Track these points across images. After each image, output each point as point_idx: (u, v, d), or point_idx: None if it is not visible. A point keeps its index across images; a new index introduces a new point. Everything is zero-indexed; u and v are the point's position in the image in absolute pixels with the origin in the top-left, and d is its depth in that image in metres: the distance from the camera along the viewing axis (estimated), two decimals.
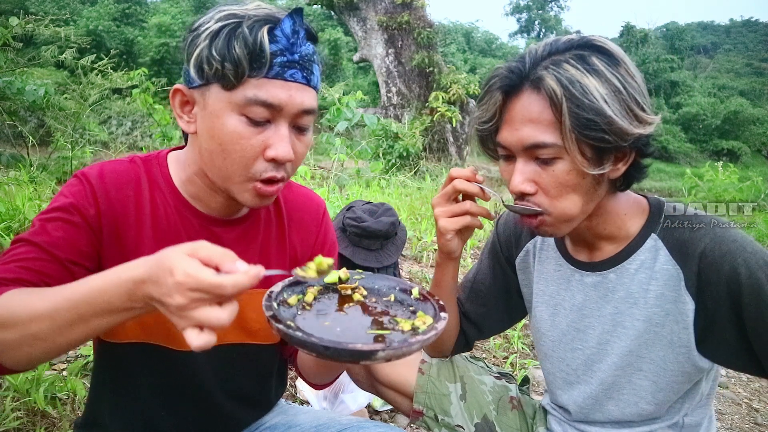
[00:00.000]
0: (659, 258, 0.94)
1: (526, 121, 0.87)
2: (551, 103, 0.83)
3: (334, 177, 5.39)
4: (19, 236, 0.81)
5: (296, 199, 1.06)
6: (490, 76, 0.93)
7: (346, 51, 25.04)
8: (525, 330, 2.91)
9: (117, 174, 0.89)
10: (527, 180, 0.90)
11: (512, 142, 0.90)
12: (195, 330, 0.59)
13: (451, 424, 1.20)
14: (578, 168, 0.86)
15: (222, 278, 0.58)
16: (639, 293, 0.97)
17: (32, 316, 0.65)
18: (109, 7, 25.66)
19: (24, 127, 5.76)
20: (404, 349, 0.68)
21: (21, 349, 0.67)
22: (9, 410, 1.54)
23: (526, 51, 0.90)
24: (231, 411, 1.04)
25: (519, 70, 0.88)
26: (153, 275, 0.60)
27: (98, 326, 0.65)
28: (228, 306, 0.60)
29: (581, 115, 0.81)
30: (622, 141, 0.83)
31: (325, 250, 1.09)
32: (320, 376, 1.05)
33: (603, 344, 1.02)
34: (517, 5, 50.48)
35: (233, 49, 0.76)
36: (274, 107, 0.79)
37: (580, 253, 1.06)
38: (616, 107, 0.82)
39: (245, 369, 1.03)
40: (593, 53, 0.84)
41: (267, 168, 0.82)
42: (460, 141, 12.54)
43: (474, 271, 1.27)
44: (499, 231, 1.24)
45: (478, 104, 0.96)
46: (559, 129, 0.84)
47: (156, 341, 0.92)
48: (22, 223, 2.78)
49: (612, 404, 1.04)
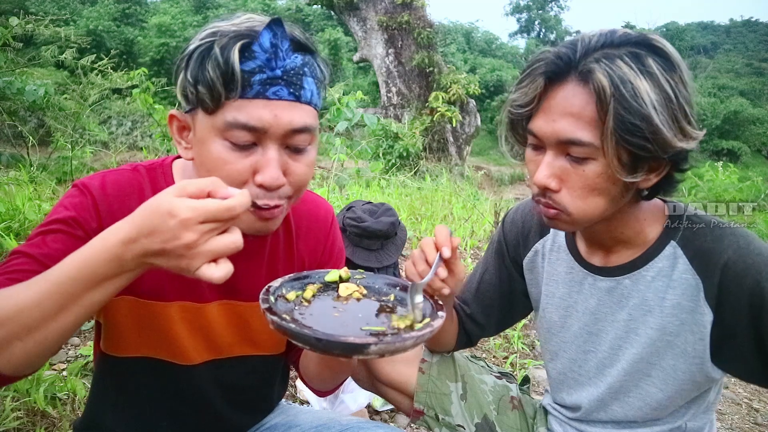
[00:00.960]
0: (678, 266, 0.91)
1: (565, 113, 0.82)
2: (597, 99, 0.78)
3: (334, 177, 5.39)
4: (17, 248, 0.78)
5: (304, 208, 1.02)
6: (535, 59, 0.86)
7: (346, 51, 25.03)
8: (525, 330, 2.91)
9: (119, 185, 0.86)
10: (553, 176, 0.86)
11: (546, 133, 0.84)
12: (211, 264, 0.59)
13: (452, 424, 1.19)
14: (610, 172, 0.81)
15: (228, 201, 0.58)
16: (654, 301, 0.94)
17: (19, 307, 0.61)
18: (109, 7, 25.67)
19: (24, 127, 5.76)
20: (397, 344, 0.67)
21: (14, 346, 0.62)
22: (9, 410, 1.54)
23: (579, 38, 0.83)
24: (233, 418, 1.03)
25: (568, 57, 0.81)
26: (145, 227, 0.58)
27: (90, 303, 0.62)
28: (233, 230, 0.60)
29: (627, 118, 0.76)
30: (663, 152, 0.79)
31: (333, 259, 1.06)
32: (323, 382, 1.04)
33: (615, 349, 1.00)
34: (517, 5, 50.45)
35: (206, 71, 0.72)
36: (257, 129, 0.73)
37: (593, 256, 1.03)
38: (664, 116, 0.77)
39: (250, 380, 1.02)
40: (650, 54, 0.78)
41: (259, 194, 0.76)
42: (460, 141, 12.54)
43: (480, 272, 1.24)
44: (505, 230, 1.20)
45: (517, 86, 0.89)
46: (599, 129, 0.79)
47: (159, 356, 0.91)
48: (22, 223, 2.77)
49: (617, 405, 1.03)
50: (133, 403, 0.96)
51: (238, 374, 0.98)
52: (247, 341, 0.97)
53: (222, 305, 0.93)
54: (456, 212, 5.58)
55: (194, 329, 0.91)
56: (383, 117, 11.65)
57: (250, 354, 0.98)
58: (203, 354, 0.93)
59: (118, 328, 0.89)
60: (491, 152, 26.24)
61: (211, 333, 0.93)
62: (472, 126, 12.73)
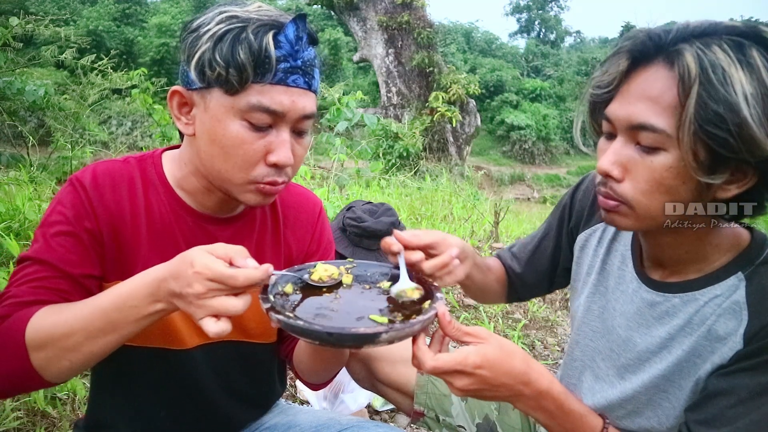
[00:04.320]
0: (733, 296, 0.83)
1: (644, 96, 0.74)
2: (680, 82, 0.70)
3: (334, 177, 5.39)
4: (24, 254, 0.82)
5: (292, 199, 1.06)
6: (626, 37, 0.79)
7: (346, 51, 25.07)
8: (525, 330, 2.91)
9: (110, 174, 0.89)
10: (618, 163, 0.79)
11: (619, 116, 0.78)
12: (212, 319, 0.66)
13: (453, 425, 1.19)
14: (682, 168, 0.73)
15: (235, 270, 0.65)
16: (699, 326, 0.87)
17: (67, 332, 0.71)
18: (109, 7, 25.70)
19: (24, 127, 5.75)
20: (407, 330, 0.70)
21: (61, 363, 0.72)
22: (9, 410, 1.54)
23: (679, 23, 0.76)
24: (230, 410, 1.04)
25: (659, 38, 0.74)
26: (174, 271, 0.67)
27: (129, 331, 0.72)
28: (242, 296, 0.67)
29: (710, 106, 0.68)
30: (749, 154, 0.69)
31: (320, 250, 1.08)
32: (317, 375, 1.05)
33: (643, 361, 0.95)
34: (517, 5, 50.42)
35: (238, 54, 0.75)
36: (277, 113, 0.79)
37: (653, 269, 0.96)
38: (756, 111, 0.68)
39: (243, 368, 1.03)
40: (756, 45, 0.70)
41: (269, 172, 0.83)
42: (460, 141, 12.55)
43: (539, 236, 1.20)
44: (575, 197, 1.13)
45: (601, 65, 0.83)
46: (677, 116, 0.71)
47: (154, 344, 0.92)
48: (22, 223, 2.77)
49: (624, 412, 1.00)
50: (131, 393, 0.97)
51: (230, 360, 1.00)
52: (237, 327, 0.97)
53: None
54: (456, 212, 5.58)
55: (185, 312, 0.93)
56: (383, 117, 11.65)
57: (242, 340, 0.99)
58: (195, 338, 0.95)
59: None
60: (491, 152, 26.28)
61: None
62: (472, 126, 12.75)
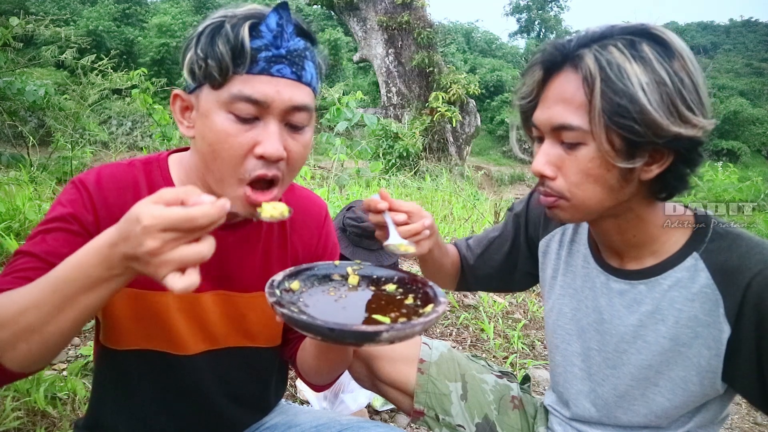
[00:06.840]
0: (698, 279, 0.90)
1: (559, 100, 0.84)
2: (585, 82, 0.80)
3: (334, 177, 5.39)
4: (19, 248, 0.81)
5: (298, 202, 1.04)
6: (536, 51, 0.90)
7: (346, 51, 25.06)
8: (525, 330, 2.91)
9: (115, 178, 0.88)
10: (549, 163, 0.87)
11: (542, 121, 0.87)
12: (176, 274, 0.57)
13: (452, 424, 1.19)
14: (603, 157, 0.82)
15: (190, 210, 0.56)
16: (669, 311, 0.93)
17: (20, 309, 0.64)
18: (109, 7, 25.70)
19: (24, 127, 5.76)
20: (407, 330, 0.69)
21: (18, 346, 0.66)
22: (9, 410, 1.54)
23: (582, 31, 0.86)
24: (232, 414, 1.04)
25: (563, 47, 0.84)
26: (123, 231, 0.58)
27: (86, 305, 0.64)
28: (206, 240, 0.59)
29: (613, 99, 0.77)
30: (656, 137, 0.78)
31: (326, 253, 1.08)
32: (321, 376, 1.05)
33: (620, 353, 1.00)
34: (517, 5, 50.44)
35: (216, 46, 0.76)
36: (261, 103, 0.77)
37: (611, 257, 1.02)
38: (654, 98, 0.76)
39: (246, 373, 1.03)
40: (646, 41, 0.79)
41: (257, 165, 0.79)
42: (460, 141, 12.54)
43: (493, 235, 1.27)
44: (531, 205, 1.21)
45: (521, 78, 0.93)
46: (588, 112, 0.80)
47: (157, 347, 0.92)
48: (22, 223, 2.77)
49: (620, 409, 1.02)
50: (133, 396, 0.97)
51: (233, 366, 1.00)
52: (241, 332, 0.98)
53: (216, 295, 0.94)
54: (456, 212, 5.58)
55: (190, 318, 0.93)
56: (383, 117, 11.66)
57: (246, 345, 0.99)
58: (199, 344, 0.94)
59: (116, 319, 0.90)
60: (491, 152, 26.24)
61: (206, 322, 0.94)
62: (472, 126, 12.74)
